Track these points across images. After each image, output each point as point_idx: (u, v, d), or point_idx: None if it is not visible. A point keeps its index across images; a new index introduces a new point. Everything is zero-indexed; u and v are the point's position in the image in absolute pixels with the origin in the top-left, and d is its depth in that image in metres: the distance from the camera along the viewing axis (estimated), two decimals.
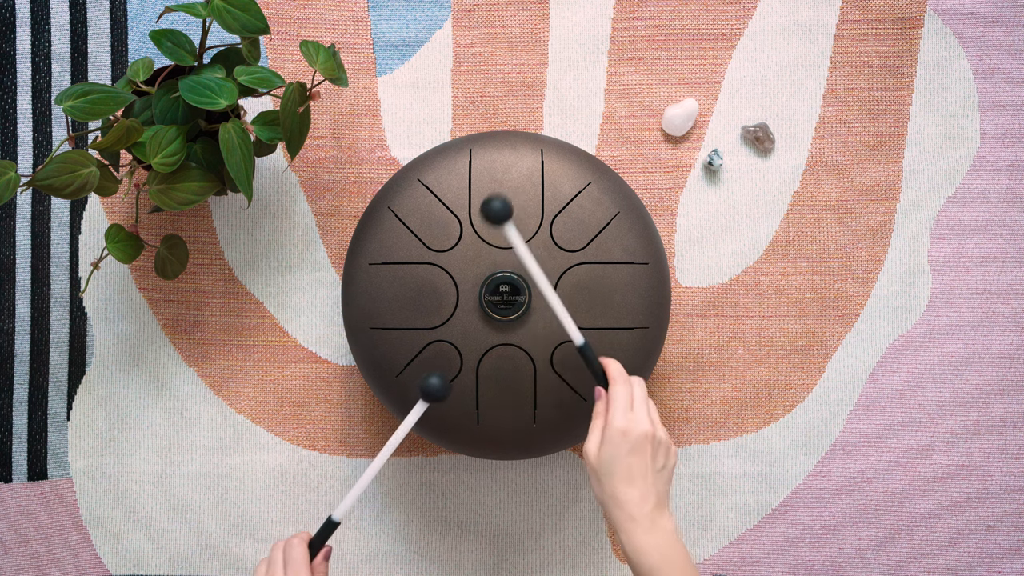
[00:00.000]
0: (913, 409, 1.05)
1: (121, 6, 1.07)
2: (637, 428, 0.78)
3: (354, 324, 0.93)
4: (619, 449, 0.77)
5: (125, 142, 0.87)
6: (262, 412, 1.06)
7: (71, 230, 1.06)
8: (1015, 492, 1.05)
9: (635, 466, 0.77)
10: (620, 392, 0.80)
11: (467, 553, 1.05)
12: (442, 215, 0.92)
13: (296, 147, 0.91)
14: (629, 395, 0.80)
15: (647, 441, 0.78)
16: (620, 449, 0.77)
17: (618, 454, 0.77)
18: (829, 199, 1.06)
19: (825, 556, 1.05)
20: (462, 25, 1.07)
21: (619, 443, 0.77)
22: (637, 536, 0.76)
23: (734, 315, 1.06)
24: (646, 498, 0.77)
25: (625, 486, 0.77)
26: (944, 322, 1.06)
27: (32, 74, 1.07)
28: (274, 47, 1.07)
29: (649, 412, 0.80)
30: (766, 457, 1.05)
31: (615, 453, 0.77)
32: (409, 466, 1.06)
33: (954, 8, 1.07)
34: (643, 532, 0.76)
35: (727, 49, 1.07)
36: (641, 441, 0.78)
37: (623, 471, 0.77)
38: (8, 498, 1.05)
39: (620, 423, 0.78)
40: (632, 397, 0.81)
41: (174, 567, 1.05)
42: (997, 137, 1.06)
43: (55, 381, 1.06)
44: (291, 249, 1.07)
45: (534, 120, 1.07)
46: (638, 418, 0.79)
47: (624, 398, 0.80)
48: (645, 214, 0.95)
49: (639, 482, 0.77)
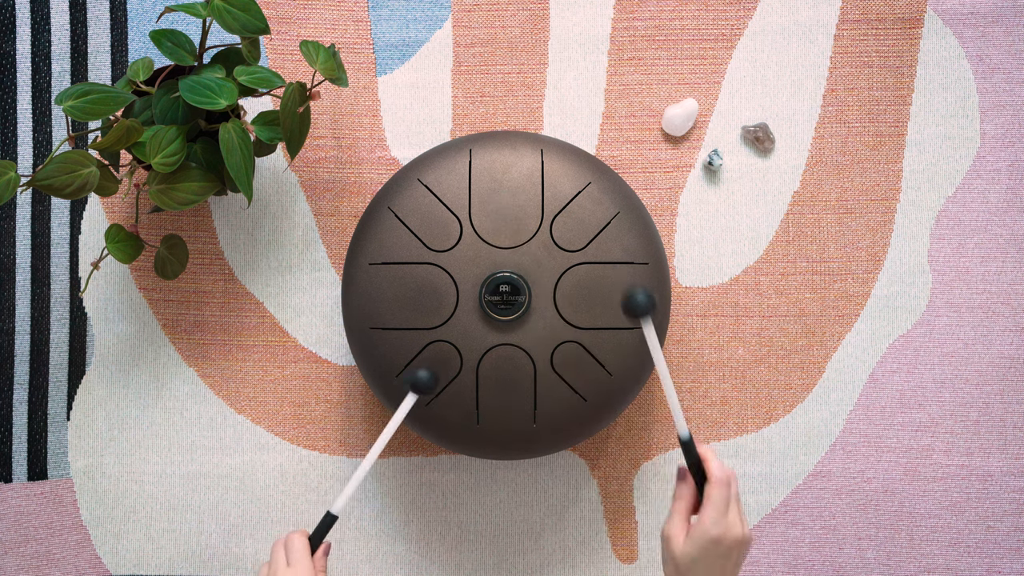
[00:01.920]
0: (913, 409, 1.05)
1: (121, 6, 1.07)
2: (730, 536, 0.76)
3: (354, 324, 0.93)
4: (708, 554, 0.76)
5: (125, 142, 0.87)
6: (262, 412, 1.06)
7: (71, 230, 1.06)
8: (1015, 492, 1.05)
9: (718, 569, 0.76)
10: (719, 495, 0.78)
11: (467, 553, 1.05)
12: (442, 215, 0.92)
13: (296, 147, 0.91)
14: (727, 498, 0.78)
15: (734, 548, 0.77)
16: (709, 554, 0.76)
17: (705, 557, 0.76)
18: (829, 199, 1.06)
19: (825, 556, 1.05)
20: (462, 25, 1.07)
21: (710, 549, 0.76)
22: None
23: (734, 315, 1.06)
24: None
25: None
26: (944, 322, 1.06)
27: (32, 74, 1.07)
28: (274, 47, 1.07)
29: (740, 515, 0.79)
30: (766, 457, 1.05)
31: (703, 557, 0.76)
32: (409, 466, 1.06)
33: (954, 8, 1.07)
34: None
35: (727, 49, 1.07)
36: (731, 548, 0.76)
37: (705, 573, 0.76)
38: (8, 498, 1.05)
39: (715, 531, 0.76)
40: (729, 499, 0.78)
41: (174, 567, 1.05)
42: (997, 137, 1.06)
43: (55, 381, 1.06)
44: (291, 249, 1.07)
45: (534, 120, 1.07)
46: (731, 524, 0.77)
47: (722, 502, 0.77)
48: (645, 214, 0.95)
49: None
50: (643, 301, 0.79)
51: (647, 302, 0.79)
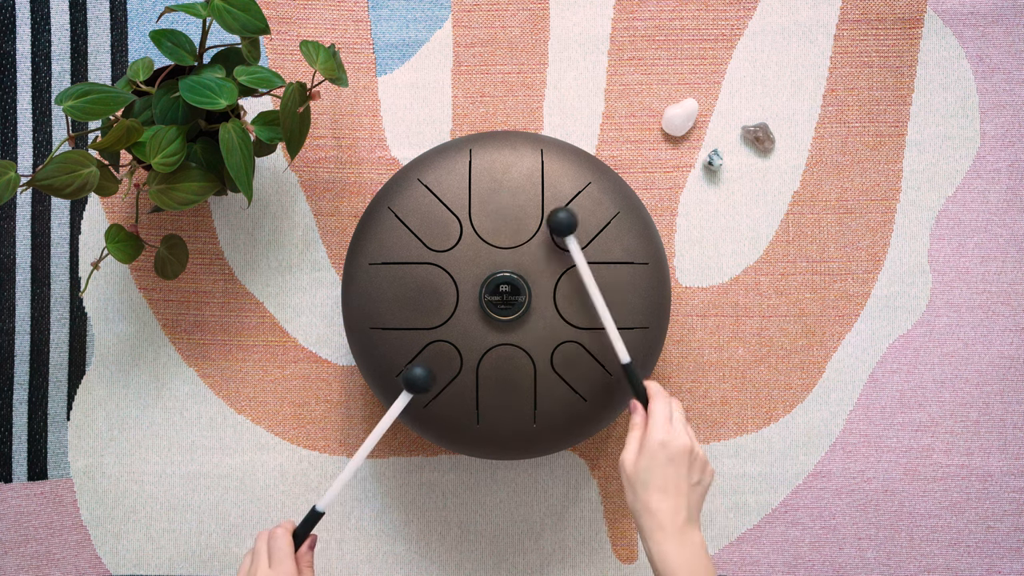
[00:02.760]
0: (913, 409, 1.05)
1: (121, 6, 1.07)
2: (676, 441, 0.80)
3: (354, 324, 0.93)
4: (656, 460, 0.79)
5: (125, 142, 0.87)
6: (262, 412, 1.06)
7: (71, 230, 1.06)
8: (1015, 492, 1.05)
9: (670, 478, 0.78)
10: (660, 407, 0.83)
11: (467, 553, 1.05)
12: (442, 215, 0.92)
13: (296, 147, 0.91)
14: (669, 411, 0.82)
15: (685, 454, 0.79)
16: (657, 460, 0.79)
17: (655, 465, 0.79)
18: (829, 199, 1.06)
19: (825, 556, 1.05)
20: (462, 25, 1.07)
21: (657, 453, 0.79)
22: (666, 546, 0.77)
23: (734, 315, 1.06)
24: (678, 510, 0.78)
25: (659, 496, 0.78)
26: (944, 322, 1.06)
27: (32, 74, 1.07)
28: (274, 47, 1.07)
29: (687, 429, 0.82)
30: (766, 457, 1.05)
31: (652, 464, 0.79)
32: (409, 466, 1.06)
33: (954, 8, 1.07)
34: (673, 543, 0.77)
35: (727, 49, 1.07)
36: (679, 453, 0.79)
37: (658, 481, 0.78)
38: (8, 498, 1.05)
39: (659, 435, 0.80)
40: (671, 413, 0.83)
41: (174, 567, 1.05)
42: (997, 137, 1.06)
43: (55, 381, 1.06)
44: (291, 249, 1.07)
45: (534, 120, 1.07)
46: (676, 432, 0.81)
47: (664, 412, 0.82)
48: (645, 214, 0.95)
49: (673, 493, 0.78)
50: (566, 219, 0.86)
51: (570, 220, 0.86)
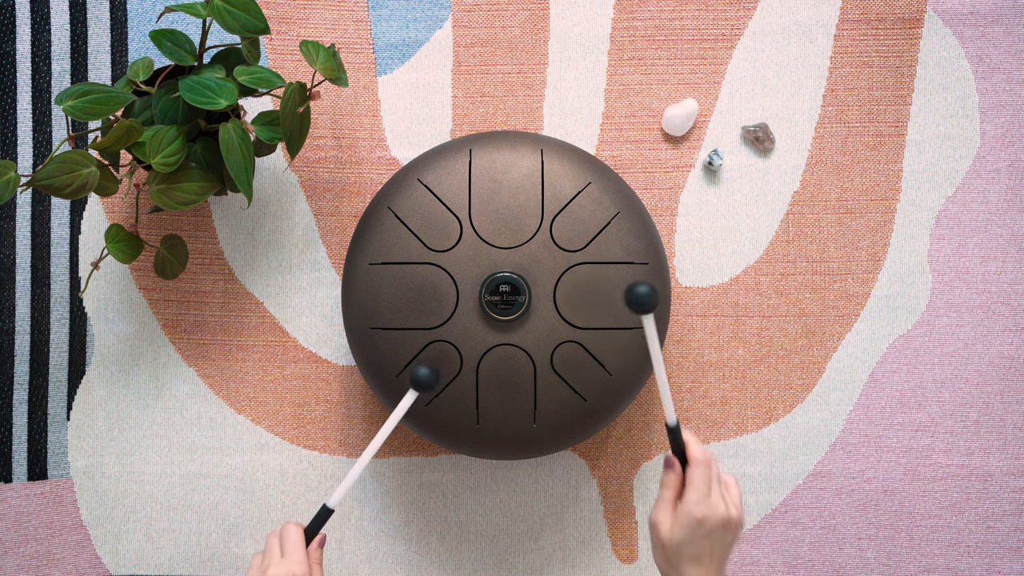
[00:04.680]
0: (913, 409, 1.05)
1: (121, 6, 1.07)
2: (714, 515, 0.77)
3: (354, 324, 0.93)
4: (694, 535, 0.77)
5: (125, 142, 0.87)
6: (262, 412, 1.06)
7: (71, 230, 1.06)
8: (1015, 492, 1.05)
9: (705, 548, 0.77)
10: (700, 476, 0.78)
11: (467, 553, 1.05)
12: (442, 215, 0.92)
13: (296, 147, 0.91)
14: (709, 478, 0.79)
15: (720, 527, 0.77)
16: (695, 535, 0.77)
17: (692, 538, 0.77)
18: (829, 199, 1.06)
19: (825, 556, 1.05)
20: (462, 25, 1.07)
21: (695, 529, 0.77)
22: None
23: (734, 315, 1.06)
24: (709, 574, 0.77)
25: (692, 566, 0.77)
26: (944, 322, 1.06)
27: (32, 74, 1.07)
28: (274, 47, 1.07)
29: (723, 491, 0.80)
30: (766, 457, 1.05)
31: (689, 538, 0.77)
32: (409, 466, 1.06)
33: (954, 8, 1.07)
34: None
35: (727, 49, 1.07)
36: (715, 527, 0.77)
37: (693, 552, 0.77)
38: (8, 498, 1.05)
39: (698, 512, 0.77)
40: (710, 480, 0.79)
41: (174, 567, 1.05)
42: (997, 137, 1.06)
43: (55, 381, 1.06)
44: (291, 249, 1.07)
45: (534, 120, 1.07)
46: (715, 504, 0.78)
47: (703, 483, 0.78)
48: (645, 214, 0.95)
49: (706, 562, 0.77)
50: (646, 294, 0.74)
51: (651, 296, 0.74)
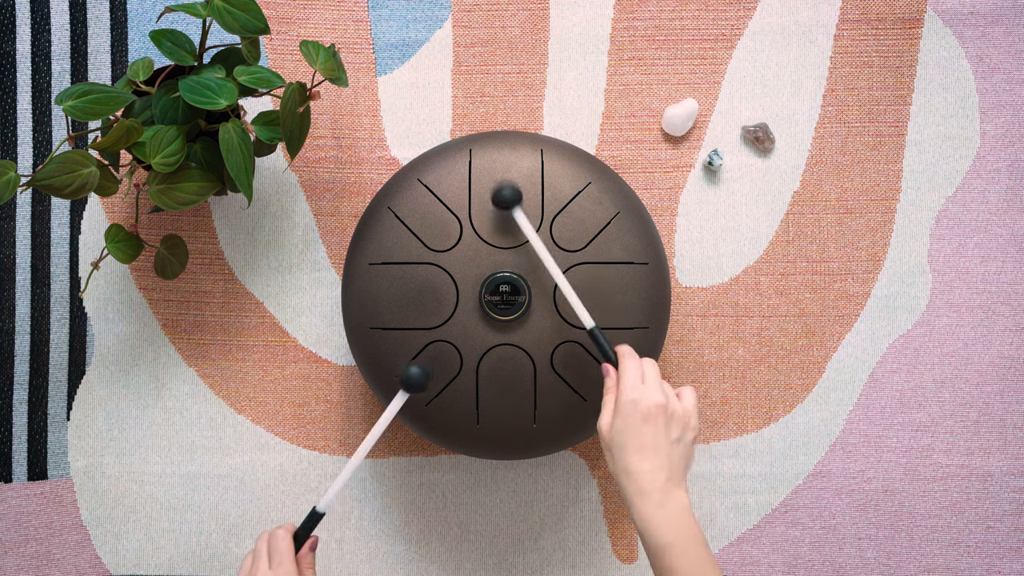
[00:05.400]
0: (913, 409, 1.05)
1: (121, 6, 1.07)
2: (648, 399, 0.76)
3: (354, 324, 0.93)
4: (631, 419, 0.75)
5: (125, 142, 0.87)
6: (262, 412, 1.06)
7: (71, 230, 1.06)
8: (1015, 492, 1.05)
9: (647, 437, 0.75)
10: (631, 366, 0.79)
11: (467, 553, 1.05)
12: (442, 215, 0.92)
13: (296, 147, 0.91)
14: (640, 369, 0.79)
15: (660, 411, 0.76)
16: (632, 419, 0.75)
17: (629, 425, 0.75)
18: (829, 199, 1.06)
19: (825, 556, 1.05)
20: (462, 25, 1.07)
21: (631, 413, 0.76)
22: (647, 510, 0.73)
23: (734, 315, 1.06)
24: (658, 470, 0.74)
25: (637, 458, 0.75)
26: (944, 322, 1.06)
27: (32, 74, 1.07)
28: (274, 47, 1.07)
29: (663, 386, 0.79)
30: (766, 457, 1.05)
31: (626, 425, 0.76)
32: (409, 466, 1.06)
33: (954, 8, 1.07)
34: (654, 506, 0.73)
35: (727, 49, 1.07)
36: (653, 411, 0.76)
37: (635, 443, 0.75)
38: (8, 498, 1.05)
39: (631, 394, 0.77)
40: (644, 371, 0.79)
41: (174, 567, 1.05)
42: (997, 137, 1.06)
43: (55, 381, 1.06)
44: (291, 249, 1.07)
45: (534, 120, 1.07)
46: (650, 389, 0.77)
47: (635, 372, 0.79)
48: (645, 214, 0.95)
49: (651, 454, 0.75)
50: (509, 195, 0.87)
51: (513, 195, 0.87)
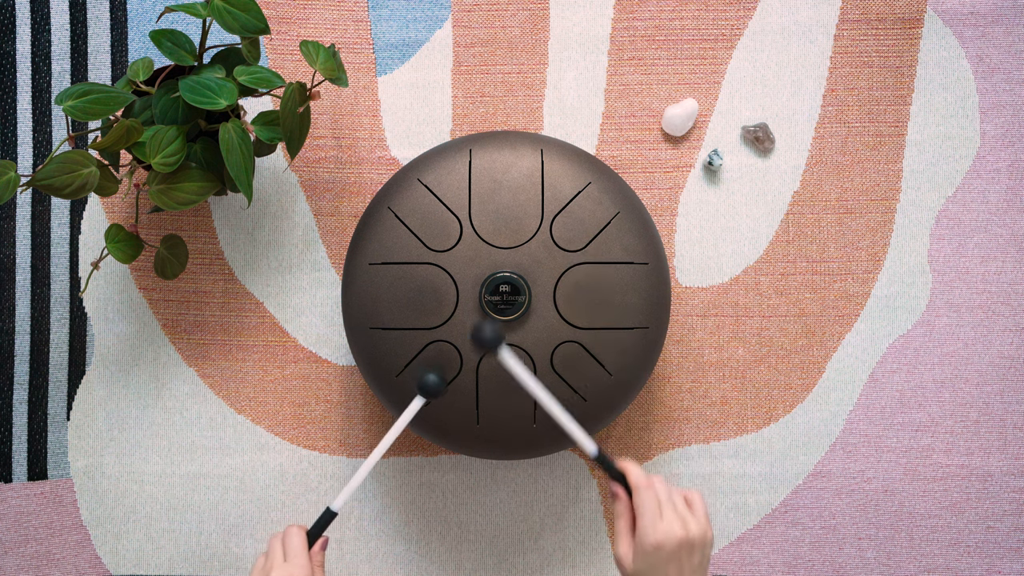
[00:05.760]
0: (913, 409, 1.05)
1: (121, 6, 1.07)
2: (671, 538, 0.75)
3: (354, 324, 0.93)
4: (654, 562, 0.75)
5: (125, 142, 0.87)
6: (262, 412, 1.06)
7: (71, 230, 1.06)
8: (1015, 492, 1.05)
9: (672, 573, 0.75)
10: (646, 501, 0.77)
11: (467, 553, 1.05)
12: (442, 215, 0.92)
13: (296, 147, 0.91)
14: (656, 501, 0.77)
15: (681, 548, 0.75)
16: (655, 562, 0.75)
17: (653, 566, 0.75)
18: (829, 199, 1.06)
19: (825, 556, 1.05)
20: (462, 25, 1.07)
21: (654, 557, 0.75)
22: None
23: (734, 315, 1.06)
24: None
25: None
26: (944, 322, 1.06)
27: (32, 74, 1.07)
28: (274, 47, 1.07)
29: (678, 511, 0.77)
30: (766, 457, 1.05)
31: (650, 566, 0.75)
32: (409, 466, 1.06)
33: (954, 8, 1.07)
34: None
35: (727, 49, 1.07)
36: (675, 550, 0.75)
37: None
38: (8, 498, 1.05)
39: (652, 538, 0.75)
40: (659, 502, 0.78)
41: (174, 567, 1.05)
42: (997, 137, 1.06)
43: (55, 381, 1.06)
44: (291, 249, 1.07)
45: (534, 120, 1.07)
46: (669, 527, 0.76)
47: (651, 506, 0.77)
48: (645, 214, 0.95)
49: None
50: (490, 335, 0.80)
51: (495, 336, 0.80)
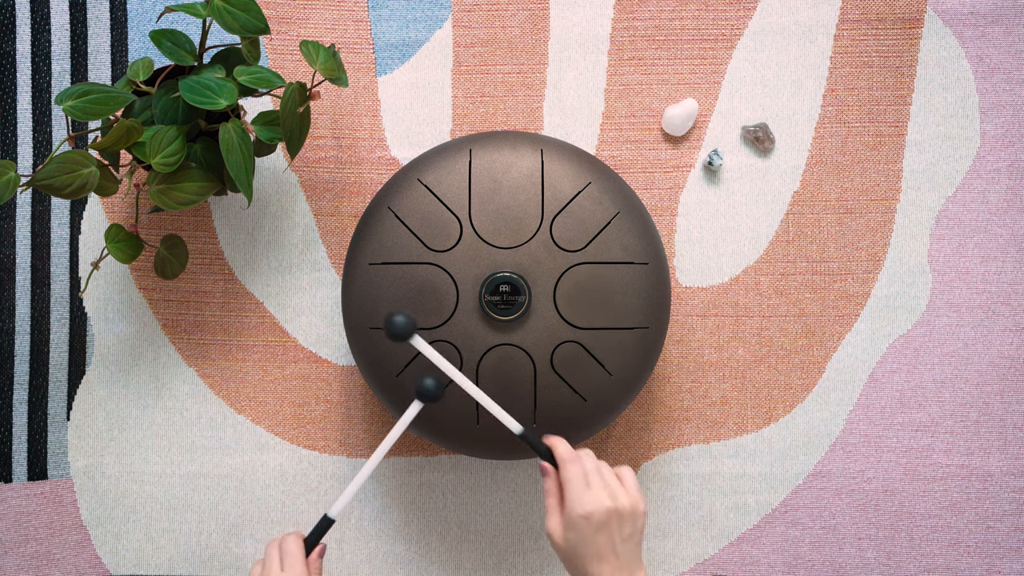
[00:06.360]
0: (913, 409, 1.05)
1: (121, 6, 1.07)
2: (599, 508, 0.77)
3: (354, 324, 0.93)
4: (583, 532, 0.76)
5: (125, 142, 0.87)
6: (262, 412, 1.06)
7: (71, 230, 1.06)
8: (1015, 492, 1.05)
9: (602, 544, 0.76)
10: (572, 472, 0.79)
11: (467, 553, 1.05)
12: (442, 215, 0.92)
13: (296, 147, 0.91)
14: (581, 473, 0.79)
15: (611, 516, 0.77)
16: (584, 532, 0.76)
17: (583, 537, 0.76)
18: (829, 199, 1.06)
19: (825, 556, 1.05)
20: (462, 25, 1.07)
21: (582, 527, 0.76)
22: None
23: (734, 315, 1.06)
24: (618, 570, 0.76)
25: (595, 565, 0.76)
26: (944, 322, 1.06)
27: (32, 74, 1.07)
28: (274, 47, 1.07)
29: (606, 482, 0.79)
30: (766, 457, 1.05)
31: (580, 536, 0.77)
32: (409, 466, 1.06)
33: (954, 8, 1.07)
34: None
35: (727, 49, 1.07)
36: (604, 520, 0.77)
37: (591, 551, 0.76)
38: (8, 498, 1.05)
39: (579, 508, 0.77)
40: (585, 473, 0.79)
41: (174, 567, 1.05)
42: (997, 137, 1.06)
43: (55, 381, 1.06)
44: (291, 249, 1.07)
45: (534, 120, 1.07)
46: (596, 496, 0.77)
47: (577, 478, 0.79)
48: (645, 214, 0.95)
49: (609, 558, 0.76)
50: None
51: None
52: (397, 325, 0.81)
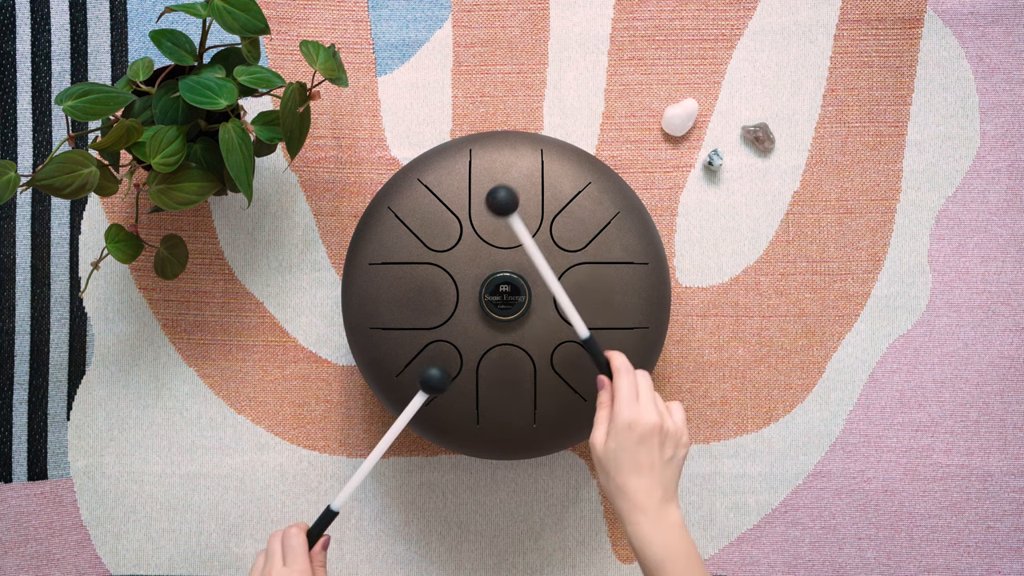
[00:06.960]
0: (913, 409, 1.05)
1: (121, 6, 1.07)
2: (644, 419, 0.77)
3: (354, 324, 0.93)
4: (626, 441, 0.76)
5: (125, 142, 0.87)
6: (262, 412, 1.06)
7: (71, 230, 1.06)
8: (1015, 492, 1.05)
9: (643, 457, 0.76)
10: (625, 383, 0.79)
11: (467, 553, 1.05)
12: (442, 215, 0.92)
13: (296, 147, 0.91)
14: (634, 386, 0.79)
15: (655, 432, 0.77)
16: (627, 441, 0.76)
17: (625, 446, 0.76)
18: (829, 199, 1.06)
19: (825, 556, 1.05)
20: (462, 25, 1.07)
21: (626, 435, 0.76)
22: (644, 528, 0.75)
23: (734, 315, 1.06)
24: (653, 489, 0.76)
25: (633, 477, 0.76)
26: (944, 322, 1.06)
27: (32, 74, 1.07)
28: (274, 47, 1.07)
29: (656, 403, 0.79)
30: (766, 457, 1.05)
31: (622, 445, 0.76)
32: (409, 466, 1.06)
33: (954, 8, 1.07)
34: (650, 524, 0.75)
35: (727, 49, 1.07)
36: (649, 432, 0.77)
37: (630, 463, 0.76)
38: (8, 498, 1.05)
39: (626, 415, 0.77)
40: (637, 388, 0.79)
41: (174, 567, 1.05)
42: (997, 137, 1.06)
43: (55, 381, 1.06)
44: (291, 249, 1.07)
45: (534, 120, 1.07)
46: (644, 409, 0.78)
47: (629, 389, 0.79)
48: (645, 214, 0.95)
49: (646, 473, 0.76)
50: (505, 197, 0.77)
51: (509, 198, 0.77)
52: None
